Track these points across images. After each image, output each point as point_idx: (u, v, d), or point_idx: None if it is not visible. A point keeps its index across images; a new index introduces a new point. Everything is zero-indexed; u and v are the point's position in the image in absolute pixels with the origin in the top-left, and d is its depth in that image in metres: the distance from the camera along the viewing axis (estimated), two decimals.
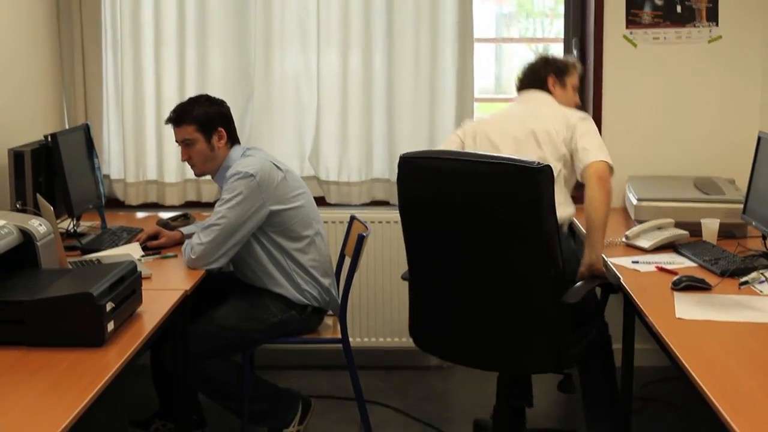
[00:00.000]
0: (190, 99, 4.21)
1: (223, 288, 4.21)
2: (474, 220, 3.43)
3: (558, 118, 4.06)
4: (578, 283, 3.53)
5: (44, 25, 4.88)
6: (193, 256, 3.86)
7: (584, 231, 3.91)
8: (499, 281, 3.46)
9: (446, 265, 3.57)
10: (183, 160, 4.18)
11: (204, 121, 4.09)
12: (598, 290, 3.86)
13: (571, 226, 4.21)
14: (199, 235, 3.91)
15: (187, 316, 3.61)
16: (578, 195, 3.96)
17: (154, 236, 4.22)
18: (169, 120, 4.15)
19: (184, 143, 4.12)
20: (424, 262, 3.67)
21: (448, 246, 3.53)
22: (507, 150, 3.98)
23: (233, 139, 4.20)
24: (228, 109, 4.21)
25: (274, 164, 4.08)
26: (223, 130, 4.12)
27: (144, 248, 4.14)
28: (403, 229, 3.68)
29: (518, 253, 3.40)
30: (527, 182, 3.28)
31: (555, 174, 3.47)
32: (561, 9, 5.33)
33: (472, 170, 3.41)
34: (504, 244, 3.41)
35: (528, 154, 3.88)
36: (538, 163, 3.27)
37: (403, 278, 3.83)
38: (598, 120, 5.04)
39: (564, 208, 3.90)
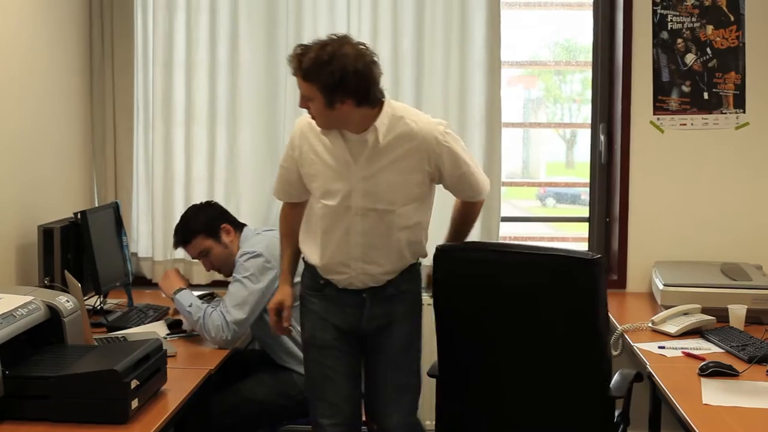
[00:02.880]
0: (182, 217, 4.31)
1: (252, 362, 4.21)
2: (518, 313, 3.39)
3: None
4: (617, 376, 3.48)
5: (77, 103, 4.95)
6: (228, 337, 3.85)
7: None
8: (542, 377, 3.41)
9: (483, 359, 3.51)
10: (208, 270, 4.30)
11: (208, 227, 4.20)
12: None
13: None
14: (231, 314, 3.88)
15: (210, 394, 3.61)
16: None
17: None
18: (177, 244, 4.30)
19: (201, 255, 4.22)
20: (456, 355, 3.60)
21: (485, 340, 3.49)
22: None
23: (238, 226, 4.28)
24: (217, 204, 4.37)
25: None
26: (226, 224, 4.22)
27: (170, 326, 4.14)
28: (436, 320, 3.60)
29: (568, 348, 3.35)
30: (583, 274, 3.26)
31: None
32: (588, 94, 5.36)
33: (519, 261, 3.40)
34: (552, 338, 3.36)
35: None
36: (593, 254, 3.28)
37: (429, 375, 3.73)
38: (624, 204, 5.06)
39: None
